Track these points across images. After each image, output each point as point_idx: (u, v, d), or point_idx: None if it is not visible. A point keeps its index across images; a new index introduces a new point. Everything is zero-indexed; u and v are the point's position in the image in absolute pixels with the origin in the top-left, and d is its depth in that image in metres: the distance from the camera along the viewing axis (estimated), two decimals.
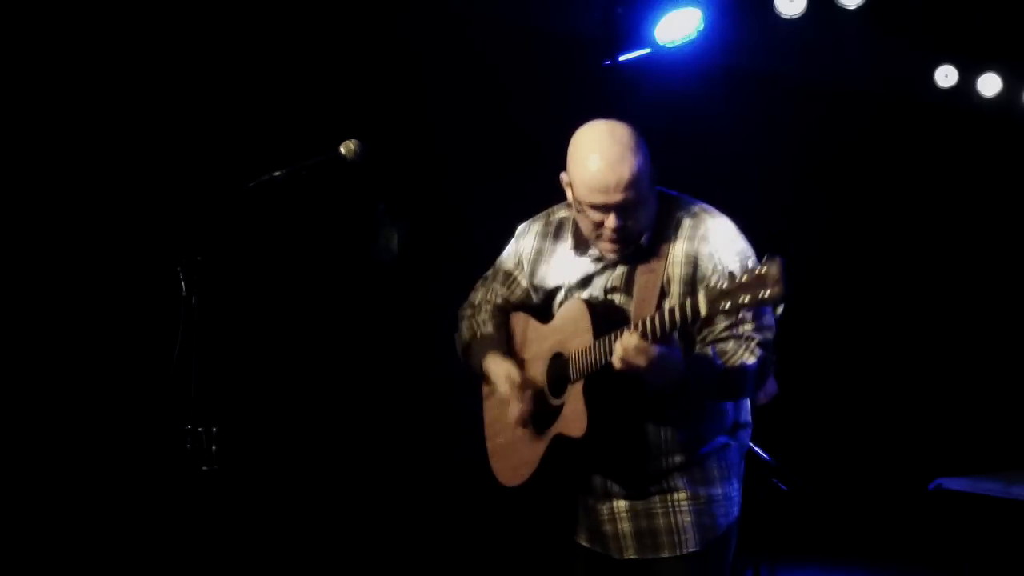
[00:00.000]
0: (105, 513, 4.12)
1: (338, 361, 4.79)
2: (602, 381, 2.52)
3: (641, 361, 2.36)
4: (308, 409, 4.69)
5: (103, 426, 4.13)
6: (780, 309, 2.23)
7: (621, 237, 2.55)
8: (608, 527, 2.66)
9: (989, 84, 6.30)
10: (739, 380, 2.49)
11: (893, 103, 6.47)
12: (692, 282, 2.54)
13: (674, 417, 2.58)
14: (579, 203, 2.57)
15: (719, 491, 2.64)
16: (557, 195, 2.82)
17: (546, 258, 2.78)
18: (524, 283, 2.84)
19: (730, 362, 2.48)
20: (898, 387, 6.70)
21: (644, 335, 2.37)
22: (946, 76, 6.26)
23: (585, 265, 2.68)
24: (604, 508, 2.66)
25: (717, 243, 2.55)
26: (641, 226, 2.56)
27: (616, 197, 2.48)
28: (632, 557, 2.64)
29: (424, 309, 4.99)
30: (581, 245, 2.68)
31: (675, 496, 2.60)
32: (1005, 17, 5.86)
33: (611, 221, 2.52)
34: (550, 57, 5.31)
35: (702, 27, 5.05)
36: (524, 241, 2.84)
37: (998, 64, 6.27)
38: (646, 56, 5.30)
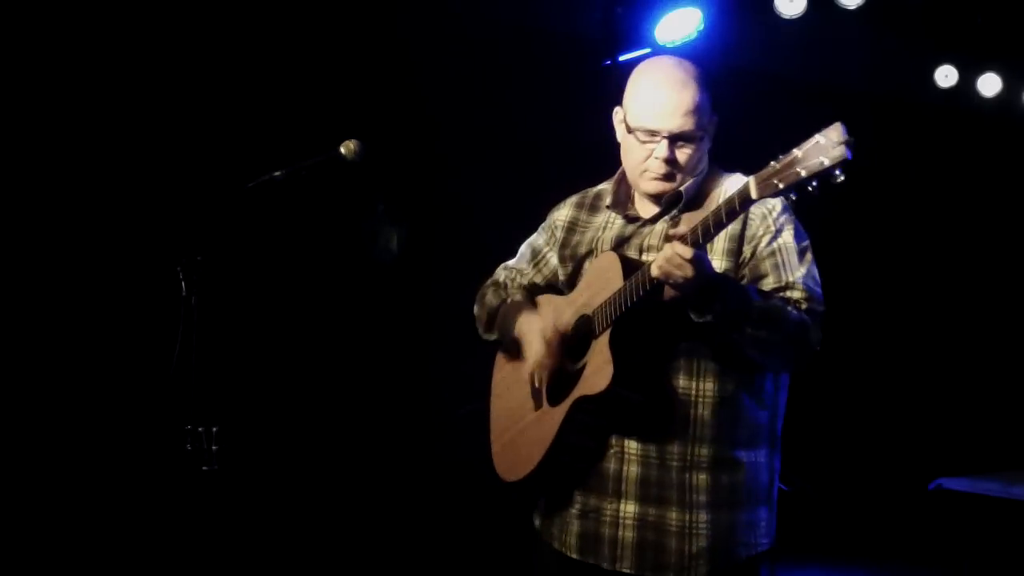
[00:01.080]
0: (105, 513, 4.12)
1: (338, 361, 4.79)
2: (632, 330, 2.33)
3: (686, 270, 2.14)
4: (308, 409, 4.69)
5: (104, 426, 4.13)
6: (842, 177, 2.00)
7: (668, 171, 2.42)
8: (607, 530, 2.42)
9: (989, 84, 6.30)
10: (773, 319, 2.26)
11: (893, 103, 6.47)
12: (739, 240, 2.39)
13: (705, 391, 2.37)
14: (632, 130, 2.45)
15: (743, 517, 2.40)
16: (557, 195, 2.82)
17: (581, 228, 2.64)
18: (554, 259, 2.69)
19: (769, 300, 2.29)
20: (898, 387, 6.70)
21: (685, 241, 2.18)
22: (946, 76, 6.25)
23: (621, 226, 2.55)
24: (609, 508, 2.42)
25: (772, 203, 2.39)
26: (691, 164, 2.43)
27: (673, 122, 2.39)
28: (627, 570, 2.39)
29: (424, 309, 5.00)
30: (620, 204, 2.56)
31: (694, 517, 2.36)
32: (1005, 17, 5.85)
33: (662, 149, 2.40)
34: (550, 57, 5.31)
35: (702, 27, 5.04)
36: (558, 213, 2.71)
37: (998, 64, 6.26)
38: (646, 56, 5.29)
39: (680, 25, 5.09)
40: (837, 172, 2.01)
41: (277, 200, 2.61)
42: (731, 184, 2.48)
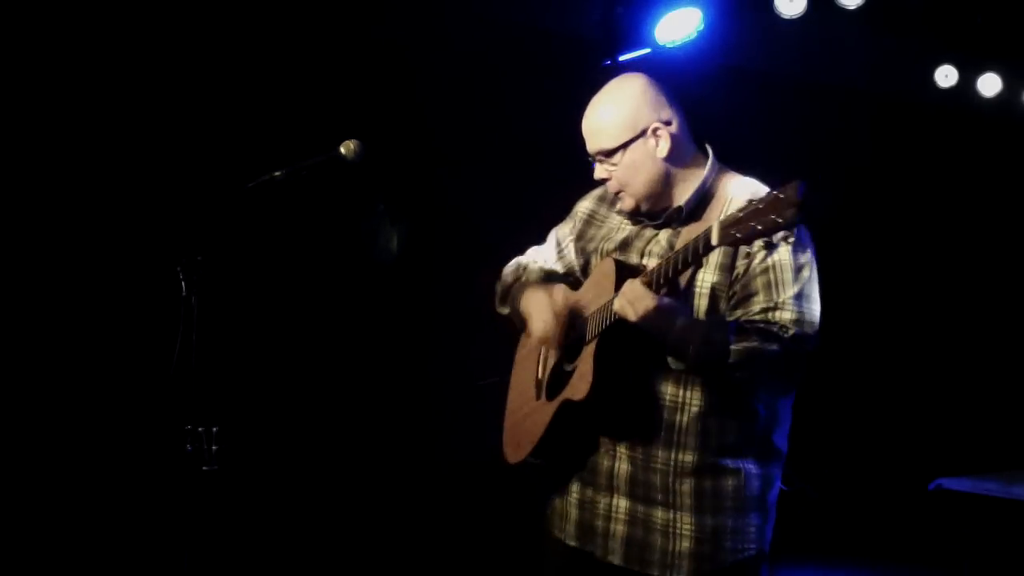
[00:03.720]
0: (105, 513, 4.13)
1: (338, 361, 4.79)
2: (615, 341, 2.38)
3: (638, 309, 2.25)
4: (308, 409, 4.69)
5: (103, 426, 4.13)
6: (792, 239, 2.11)
7: (614, 189, 2.54)
8: (600, 523, 2.50)
9: (989, 84, 6.30)
10: (752, 361, 2.28)
11: (893, 103, 6.47)
12: (734, 253, 2.38)
13: (691, 399, 2.41)
14: None
15: (729, 522, 2.42)
16: (556, 194, 2.82)
17: (597, 221, 2.71)
18: (573, 248, 2.75)
19: (746, 340, 2.29)
20: (898, 387, 6.70)
21: (650, 283, 2.28)
22: (946, 76, 6.25)
23: (628, 230, 2.61)
24: (603, 502, 2.50)
25: None
26: (626, 175, 2.49)
27: (591, 145, 2.52)
28: (615, 562, 2.47)
29: (424, 309, 5.00)
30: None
31: (678, 518, 2.41)
32: (1005, 17, 5.85)
33: (596, 172, 2.54)
34: (550, 57, 5.30)
35: (702, 27, 5.04)
36: (580, 204, 2.78)
37: (998, 64, 6.26)
38: (646, 56, 5.29)
39: (680, 25, 5.09)
40: (784, 233, 2.07)
41: (277, 200, 2.61)
42: (736, 191, 2.47)
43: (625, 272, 2.43)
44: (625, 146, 2.47)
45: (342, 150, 2.60)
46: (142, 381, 3.98)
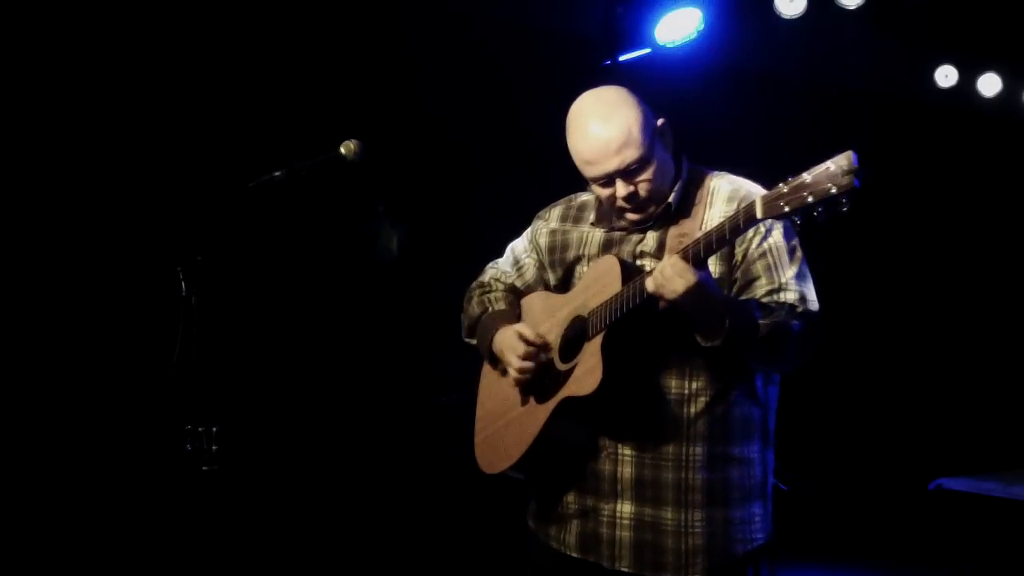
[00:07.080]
0: (105, 513, 4.12)
1: (338, 361, 4.79)
2: (625, 333, 2.31)
3: (679, 285, 2.15)
4: (308, 409, 4.69)
5: (103, 426, 4.13)
6: (848, 206, 2.01)
7: (639, 203, 2.40)
8: (605, 531, 2.43)
9: (989, 84, 6.30)
10: (780, 336, 2.25)
11: (893, 103, 6.47)
12: (731, 244, 2.34)
13: (696, 390, 2.37)
14: (588, 183, 2.47)
15: (738, 514, 2.41)
16: (557, 194, 2.82)
17: (565, 237, 2.62)
18: (535, 265, 2.70)
19: (771, 316, 2.28)
20: (898, 387, 6.70)
21: (685, 257, 2.17)
22: (946, 76, 6.26)
23: (603, 235, 2.53)
24: (606, 508, 2.43)
25: None
26: (657, 185, 2.40)
27: (613, 163, 2.36)
28: (625, 569, 2.40)
29: (424, 309, 5.00)
30: (604, 220, 2.54)
31: (690, 515, 2.37)
32: (1005, 17, 5.86)
33: (620, 189, 2.38)
34: (550, 57, 5.30)
35: (702, 27, 5.05)
36: (540, 223, 2.71)
37: (998, 64, 6.27)
38: (646, 56, 5.30)
39: (680, 25, 5.09)
40: (844, 200, 2.01)
41: (277, 200, 2.61)
42: (717, 184, 2.46)
43: (628, 269, 2.36)
44: (652, 149, 2.39)
45: (342, 150, 2.60)
46: (142, 381, 3.98)
